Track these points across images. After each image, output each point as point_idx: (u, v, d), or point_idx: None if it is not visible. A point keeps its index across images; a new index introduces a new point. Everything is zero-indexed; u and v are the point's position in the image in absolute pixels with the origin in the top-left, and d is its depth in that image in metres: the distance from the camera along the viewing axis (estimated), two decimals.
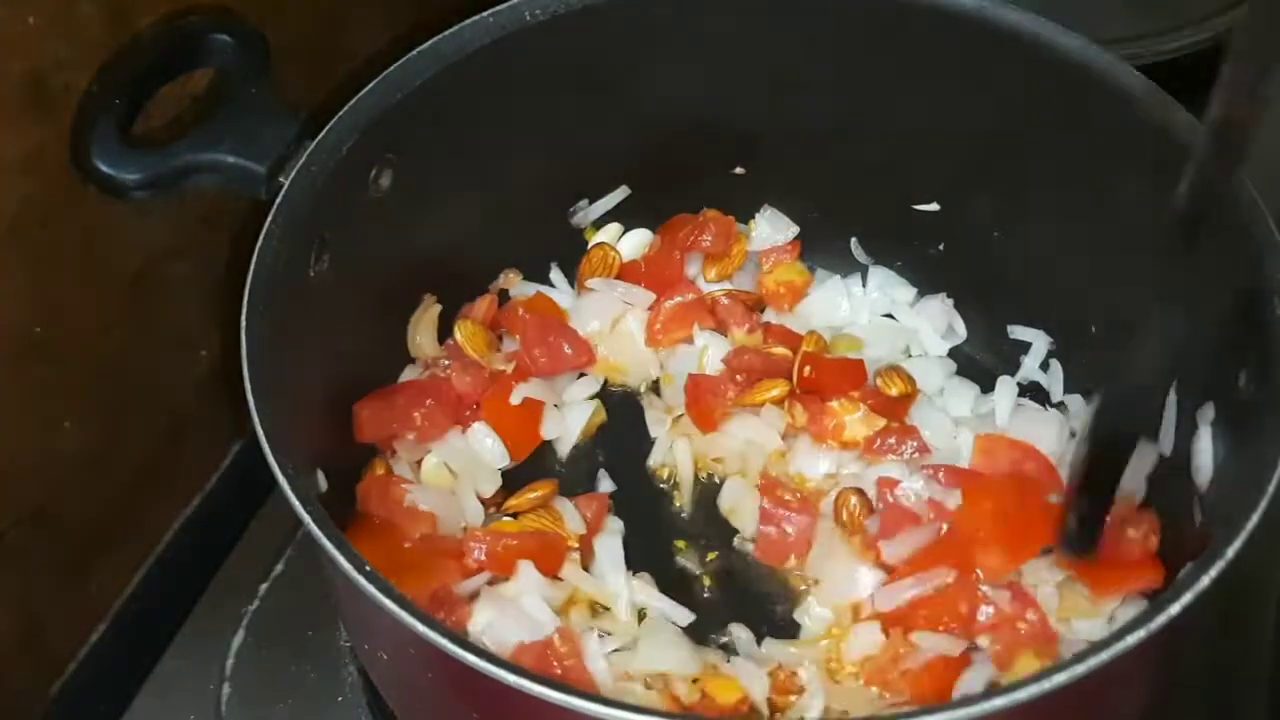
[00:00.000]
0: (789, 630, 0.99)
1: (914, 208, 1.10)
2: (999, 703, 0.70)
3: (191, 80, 0.98)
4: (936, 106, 1.03)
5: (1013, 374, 1.10)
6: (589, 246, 1.14)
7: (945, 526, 0.98)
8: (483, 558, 0.95)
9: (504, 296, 1.13)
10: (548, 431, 1.08)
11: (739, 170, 1.13)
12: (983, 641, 0.93)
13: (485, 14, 0.98)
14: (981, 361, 1.13)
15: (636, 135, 1.09)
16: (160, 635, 1.04)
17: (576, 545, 1.00)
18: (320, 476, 0.90)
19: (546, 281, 1.15)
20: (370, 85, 0.94)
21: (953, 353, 1.13)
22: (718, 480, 1.07)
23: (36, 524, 0.97)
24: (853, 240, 1.16)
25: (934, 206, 1.10)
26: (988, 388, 1.09)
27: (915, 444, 1.03)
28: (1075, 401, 1.08)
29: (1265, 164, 0.91)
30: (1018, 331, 1.11)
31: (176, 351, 1.07)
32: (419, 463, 1.03)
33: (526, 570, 0.95)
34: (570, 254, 1.15)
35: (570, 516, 1.01)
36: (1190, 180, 0.69)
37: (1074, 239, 1.00)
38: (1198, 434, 0.89)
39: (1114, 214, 0.96)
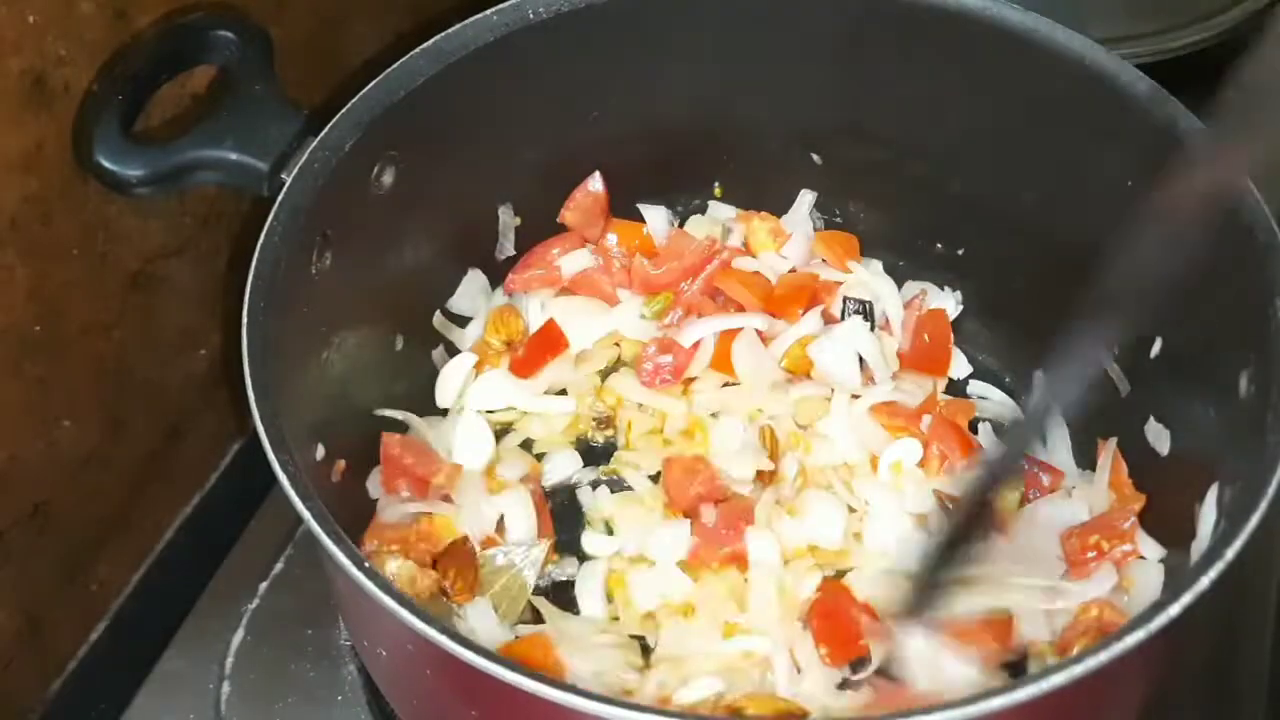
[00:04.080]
0: None
1: (912, 207, 1.11)
2: (998, 702, 0.70)
3: (192, 79, 0.98)
4: (936, 106, 1.03)
5: None
6: None
7: None
8: None
9: None
10: None
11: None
12: None
13: (488, 12, 0.98)
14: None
15: (638, 133, 1.09)
16: (160, 634, 1.04)
17: None
18: (319, 447, 0.90)
19: None
20: (373, 83, 0.94)
21: None
22: None
23: (36, 523, 0.97)
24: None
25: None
26: None
27: None
28: None
29: (1265, 164, 0.92)
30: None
31: (176, 351, 1.07)
32: None
33: None
34: None
35: None
36: None
37: (1071, 236, 1.00)
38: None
39: (1114, 214, 0.95)
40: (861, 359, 1.09)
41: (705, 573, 0.98)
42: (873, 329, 1.11)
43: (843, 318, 1.11)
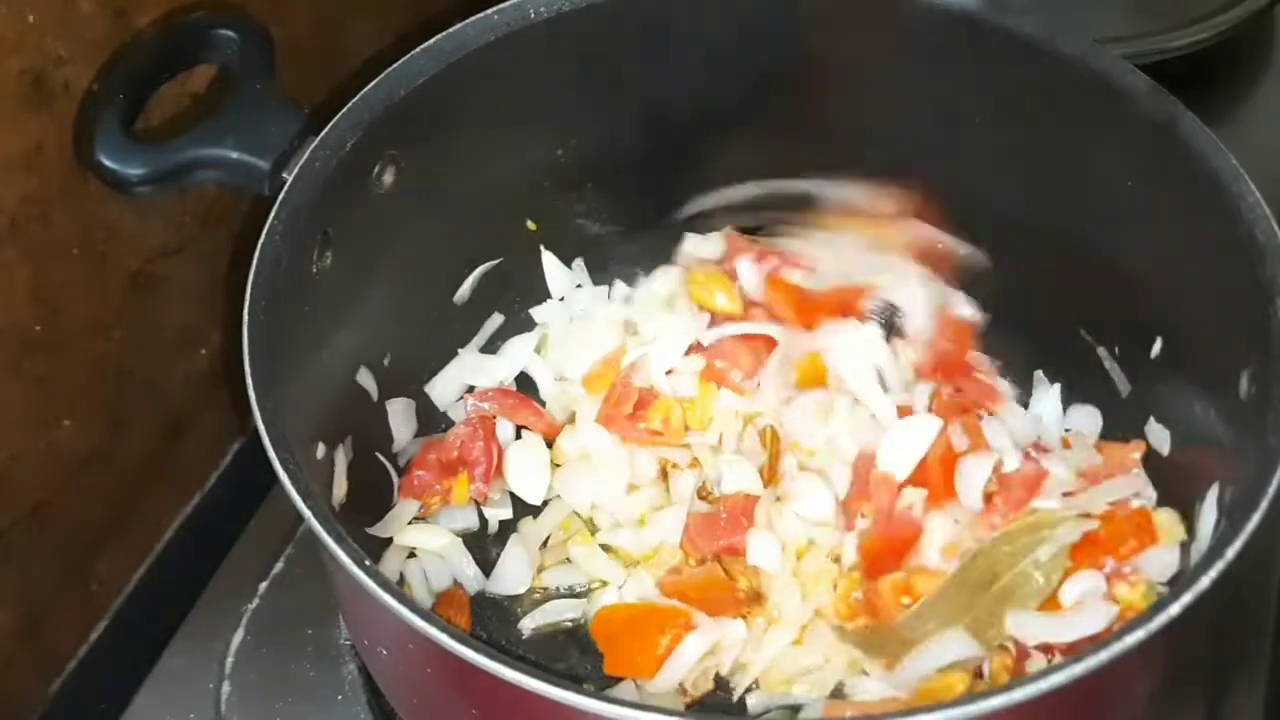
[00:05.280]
0: None
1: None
2: (998, 702, 0.70)
3: (192, 78, 0.98)
4: (937, 107, 1.03)
5: None
6: None
7: None
8: None
9: None
10: None
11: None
12: None
13: (489, 11, 0.98)
14: None
15: (639, 133, 1.09)
16: (160, 633, 1.04)
17: None
18: (320, 446, 0.91)
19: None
20: (373, 83, 0.94)
21: None
22: None
23: (37, 522, 0.97)
24: None
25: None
26: None
27: None
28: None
29: (1265, 164, 0.92)
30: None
31: (176, 350, 1.07)
32: None
33: None
34: (573, 252, 1.15)
35: None
36: None
37: (1071, 236, 1.00)
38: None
39: (1115, 214, 0.96)
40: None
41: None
42: (889, 339, 1.09)
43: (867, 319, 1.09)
